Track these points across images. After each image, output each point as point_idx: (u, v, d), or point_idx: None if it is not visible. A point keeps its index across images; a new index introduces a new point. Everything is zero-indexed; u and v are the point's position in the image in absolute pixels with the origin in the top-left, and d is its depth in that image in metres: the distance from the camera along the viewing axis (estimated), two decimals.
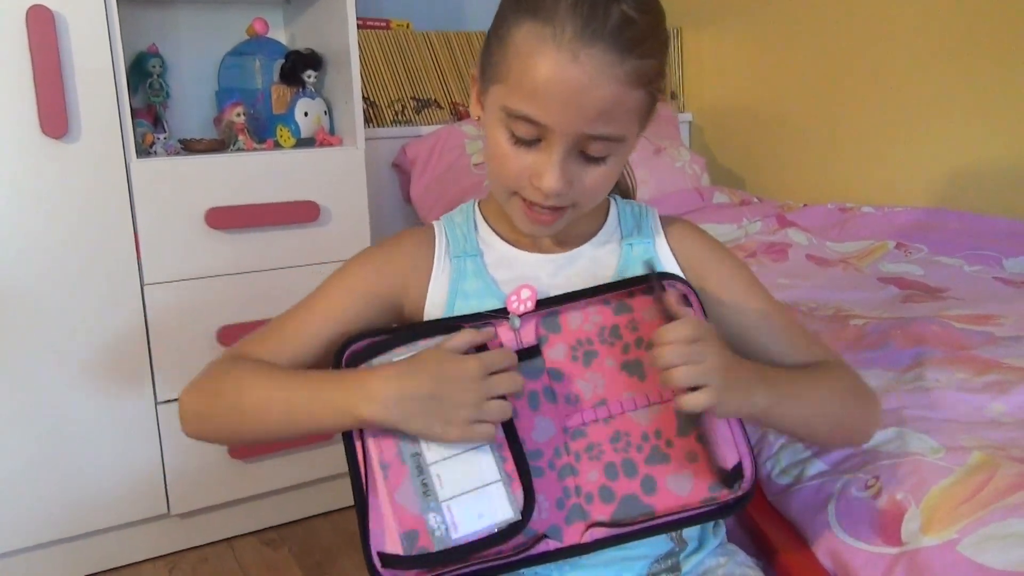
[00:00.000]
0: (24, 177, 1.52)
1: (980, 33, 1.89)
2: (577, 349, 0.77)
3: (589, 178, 0.75)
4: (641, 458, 0.73)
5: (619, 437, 0.74)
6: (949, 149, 1.98)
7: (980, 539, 0.74)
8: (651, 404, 0.75)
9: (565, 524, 0.73)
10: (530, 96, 0.71)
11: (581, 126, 0.71)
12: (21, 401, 1.58)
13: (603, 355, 0.76)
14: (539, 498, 0.73)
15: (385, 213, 2.18)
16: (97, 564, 1.73)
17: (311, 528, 1.89)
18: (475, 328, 0.76)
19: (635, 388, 0.75)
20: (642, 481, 0.73)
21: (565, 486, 0.74)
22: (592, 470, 0.74)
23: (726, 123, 2.62)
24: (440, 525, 0.70)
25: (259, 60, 1.98)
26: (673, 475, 0.73)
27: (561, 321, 0.78)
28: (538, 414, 0.75)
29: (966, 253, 1.64)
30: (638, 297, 0.77)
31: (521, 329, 0.77)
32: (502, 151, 0.75)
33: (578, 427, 0.75)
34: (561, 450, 0.75)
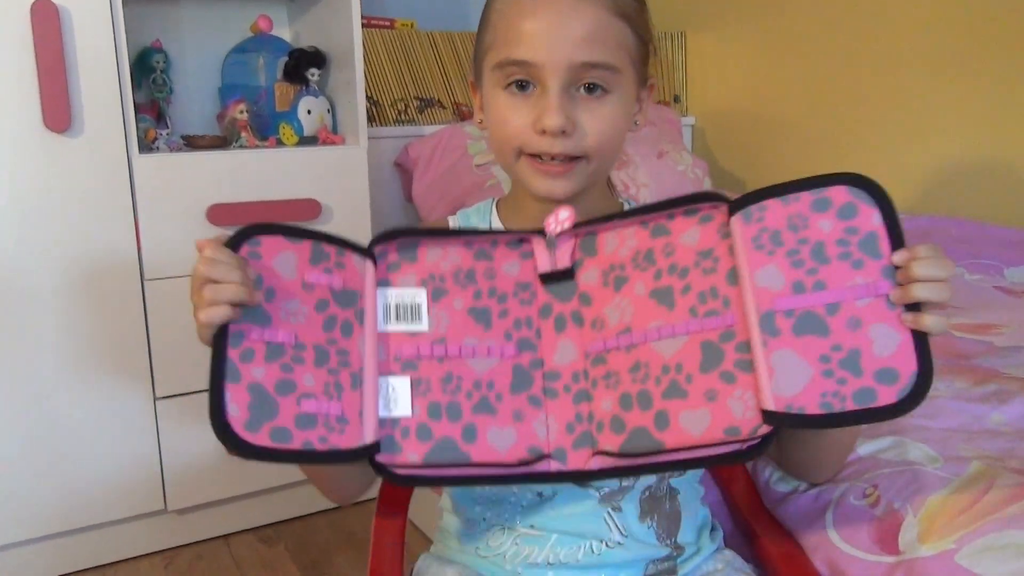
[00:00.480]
0: (26, 171, 1.52)
1: (984, 40, 1.89)
2: (609, 274, 0.74)
3: (591, 117, 0.75)
4: (658, 391, 0.69)
5: (639, 367, 0.71)
6: (952, 156, 1.98)
7: (978, 549, 0.73)
8: (676, 335, 0.71)
9: (572, 448, 0.71)
10: (516, 40, 0.74)
11: (569, 53, 0.73)
12: (20, 395, 1.58)
13: (633, 280, 0.73)
14: (548, 419, 0.72)
15: (386, 212, 2.18)
16: (94, 559, 1.73)
17: (307, 526, 1.89)
18: (511, 245, 0.76)
19: (663, 317, 0.71)
20: (656, 415, 0.69)
21: (578, 412, 0.72)
22: (606, 398, 0.71)
23: (728, 127, 2.62)
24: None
25: (263, 57, 1.98)
26: (688, 411, 0.68)
27: (598, 244, 0.76)
28: (562, 337, 0.74)
29: (967, 262, 1.64)
30: (677, 219, 0.73)
31: (558, 250, 0.76)
32: (501, 111, 0.76)
33: (599, 353, 0.73)
34: (580, 375, 0.73)
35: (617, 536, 0.77)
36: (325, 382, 0.68)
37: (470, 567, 0.80)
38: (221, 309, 0.64)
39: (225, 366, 0.64)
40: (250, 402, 0.65)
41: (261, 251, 0.69)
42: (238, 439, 0.64)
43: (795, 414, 0.64)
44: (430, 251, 0.75)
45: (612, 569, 0.77)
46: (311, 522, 1.91)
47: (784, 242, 0.68)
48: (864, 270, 0.65)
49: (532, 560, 0.78)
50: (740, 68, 2.55)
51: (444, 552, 0.85)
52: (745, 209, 0.70)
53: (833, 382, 0.64)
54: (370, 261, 0.74)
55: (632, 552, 0.78)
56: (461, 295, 0.74)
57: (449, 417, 0.70)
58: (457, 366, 0.72)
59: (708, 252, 0.71)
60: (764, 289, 0.67)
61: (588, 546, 0.77)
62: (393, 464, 0.68)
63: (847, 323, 0.65)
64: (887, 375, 0.63)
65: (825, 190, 0.69)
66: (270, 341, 0.67)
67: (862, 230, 0.66)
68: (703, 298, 0.70)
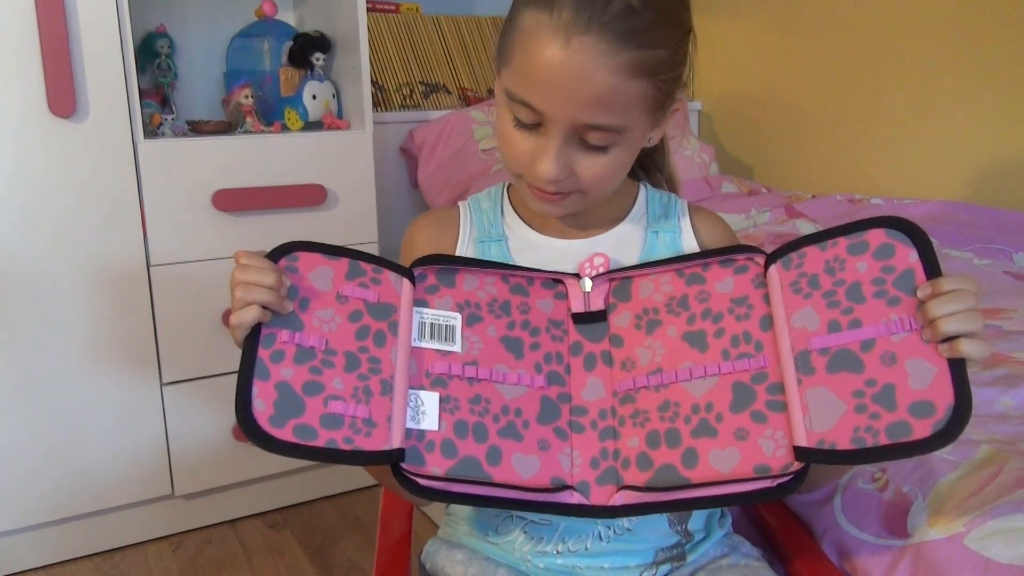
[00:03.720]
0: (31, 156, 1.52)
1: (996, 26, 1.87)
2: (642, 317, 0.76)
3: (589, 167, 0.74)
4: (687, 430, 0.70)
5: (668, 406, 0.72)
6: (961, 141, 1.97)
7: (987, 533, 0.73)
8: (708, 376, 0.72)
9: (595, 483, 0.71)
10: (528, 81, 0.71)
11: (575, 115, 0.70)
12: (27, 381, 1.58)
13: (666, 324, 0.75)
14: (573, 452, 0.72)
15: (392, 197, 2.17)
16: (102, 543, 1.74)
17: (314, 511, 1.90)
18: (546, 284, 0.78)
19: (694, 359, 0.72)
20: (684, 453, 0.69)
21: (604, 447, 0.72)
22: (634, 436, 0.72)
23: (735, 112, 2.60)
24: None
25: (267, 42, 1.97)
26: (717, 450, 0.68)
27: (632, 289, 0.78)
28: (591, 374, 0.75)
29: (976, 247, 1.63)
30: (713, 268, 0.75)
31: (591, 293, 0.78)
32: (507, 133, 0.75)
33: (628, 392, 0.74)
34: (607, 412, 0.74)
35: (627, 523, 0.77)
36: (354, 386, 0.69)
37: (479, 552, 0.80)
38: (251, 310, 0.67)
39: (255, 364, 0.67)
40: (276, 399, 0.66)
41: (298, 265, 0.73)
42: (262, 432, 0.65)
43: (826, 450, 0.64)
44: (468, 279, 0.78)
45: (621, 556, 0.77)
46: (318, 507, 1.91)
47: (821, 285, 0.70)
48: (900, 306, 0.66)
49: (542, 547, 0.78)
50: (747, 53, 2.53)
51: (453, 536, 0.85)
52: (785, 257, 0.72)
53: (866, 417, 0.64)
54: (407, 280, 0.76)
55: (641, 540, 0.78)
56: (495, 323, 0.76)
57: (475, 437, 0.71)
58: (487, 389, 0.73)
59: (742, 300, 0.73)
60: (800, 330, 0.69)
61: (597, 534, 0.77)
62: (415, 474, 0.69)
63: (881, 358, 0.65)
64: (922, 408, 0.62)
65: (862, 234, 0.70)
66: (300, 345, 0.69)
67: (898, 268, 0.67)
68: (736, 341, 0.72)
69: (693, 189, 2.17)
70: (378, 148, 1.93)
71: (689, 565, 0.79)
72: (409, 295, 0.75)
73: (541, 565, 0.78)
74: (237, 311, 0.67)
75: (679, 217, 0.86)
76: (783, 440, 0.67)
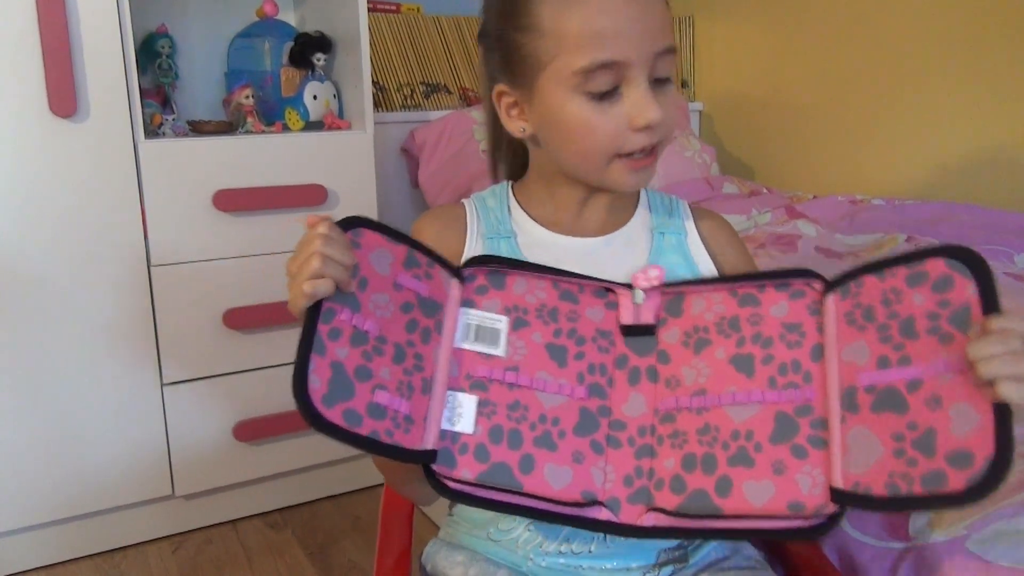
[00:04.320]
0: (32, 156, 1.52)
1: (997, 26, 1.87)
2: (691, 335, 0.75)
3: (668, 102, 0.75)
4: (725, 456, 0.68)
5: (708, 430, 0.70)
6: (962, 142, 1.97)
7: (988, 536, 0.73)
8: (751, 403, 0.70)
9: (626, 501, 0.70)
10: (599, 42, 0.72)
11: (653, 44, 0.72)
12: (27, 381, 1.58)
13: (716, 344, 0.73)
14: (607, 467, 0.71)
15: (393, 198, 2.17)
16: (102, 544, 1.74)
17: (315, 511, 1.90)
18: (597, 292, 0.77)
19: (740, 384, 0.71)
20: (718, 480, 0.68)
21: (639, 466, 0.71)
22: (670, 457, 0.70)
23: (736, 113, 2.60)
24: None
25: (268, 42, 1.98)
26: (752, 482, 0.67)
27: (684, 305, 0.76)
28: (634, 390, 0.74)
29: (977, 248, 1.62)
30: (768, 291, 0.74)
31: (643, 306, 0.76)
32: (585, 121, 0.74)
33: (669, 411, 0.72)
34: (646, 430, 0.72)
35: None
36: (399, 380, 0.68)
37: (480, 552, 0.80)
38: (327, 283, 0.65)
39: (314, 338, 0.65)
40: (330, 378, 0.65)
41: (362, 242, 0.70)
42: (315, 410, 0.63)
43: (861, 494, 0.62)
44: (518, 283, 0.76)
45: (623, 558, 0.77)
46: (318, 507, 1.91)
47: (876, 318, 0.67)
48: (952, 345, 0.62)
49: (544, 548, 0.78)
50: (748, 54, 2.53)
51: (454, 537, 0.85)
52: (843, 285, 0.70)
53: (903, 463, 0.61)
54: (456, 280, 0.75)
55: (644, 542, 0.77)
56: (541, 330, 0.75)
57: (509, 443, 0.70)
58: (526, 396, 0.72)
59: (795, 326, 0.71)
60: (850, 364, 0.67)
61: (602, 536, 0.77)
62: (446, 476, 0.68)
63: (927, 400, 0.62)
64: (960, 458, 0.58)
65: (923, 263, 0.66)
66: (357, 327, 0.68)
67: (955, 303, 0.63)
68: (784, 370, 0.70)
69: (694, 190, 2.17)
70: (379, 148, 1.93)
71: (691, 567, 0.79)
72: (457, 295, 0.75)
73: (543, 564, 0.77)
74: (311, 280, 0.65)
75: (683, 218, 0.86)
76: (821, 479, 0.65)
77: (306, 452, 1.87)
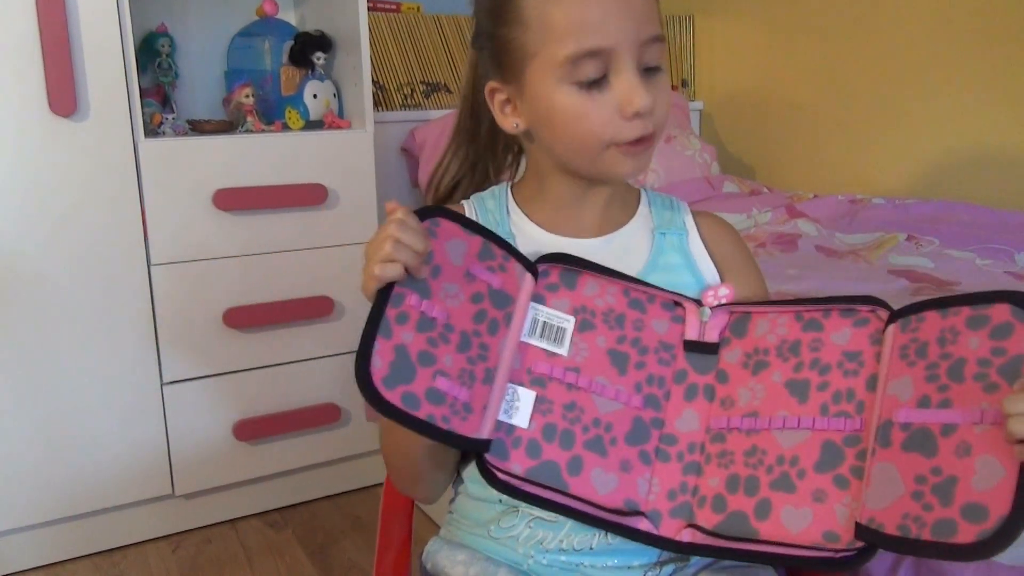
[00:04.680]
0: (32, 155, 1.52)
1: (997, 25, 1.87)
2: (751, 356, 0.75)
3: (660, 90, 0.75)
4: (768, 480, 0.68)
5: (755, 452, 0.70)
6: (962, 141, 1.97)
7: None
8: (801, 428, 0.69)
9: (668, 515, 0.71)
10: (583, 30, 0.72)
11: (639, 31, 0.73)
12: (27, 380, 1.58)
13: (774, 367, 0.73)
14: (653, 480, 0.72)
15: (393, 197, 2.16)
16: (102, 543, 1.74)
17: (314, 511, 1.90)
18: (666, 305, 0.78)
19: (792, 408, 0.70)
20: (758, 503, 0.68)
21: (684, 482, 0.72)
22: (716, 476, 0.71)
23: (737, 112, 2.60)
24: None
25: (268, 41, 1.97)
26: (791, 507, 0.67)
27: (749, 326, 0.76)
28: (689, 405, 0.74)
29: (978, 247, 1.63)
30: (833, 317, 0.73)
31: (709, 323, 0.77)
32: (576, 109, 0.75)
33: (720, 430, 0.73)
34: (696, 447, 0.73)
35: None
36: (462, 368, 0.69)
37: (481, 551, 0.80)
38: (396, 267, 0.67)
39: (381, 320, 0.67)
40: (393, 361, 0.66)
41: (439, 231, 0.72)
42: (374, 390, 0.65)
43: (873, 529, 0.62)
44: (589, 284, 0.77)
45: (625, 556, 0.77)
46: (318, 507, 1.91)
47: (928, 355, 0.65)
48: (995, 394, 0.60)
49: (546, 545, 0.77)
50: (749, 53, 2.53)
51: (455, 535, 0.84)
52: (905, 318, 0.69)
53: (919, 506, 0.60)
54: (530, 275, 0.76)
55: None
56: (606, 334, 0.76)
57: (561, 443, 0.71)
58: (583, 398, 0.73)
59: (855, 355, 0.71)
60: (892, 397, 0.66)
61: (603, 534, 0.77)
62: (496, 467, 0.69)
63: (956, 448, 0.60)
64: (975, 512, 0.57)
65: (988, 307, 0.64)
66: (425, 313, 0.69)
67: (1010, 352, 0.61)
68: (837, 398, 0.69)
69: (694, 189, 2.17)
70: (379, 147, 1.93)
71: (692, 565, 0.79)
72: (529, 290, 0.75)
73: (544, 562, 0.77)
74: (382, 263, 0.67)
75: (684, 218, 0.86)
76: (858, 510, 0.64)
77: (306, 452, 1.87)
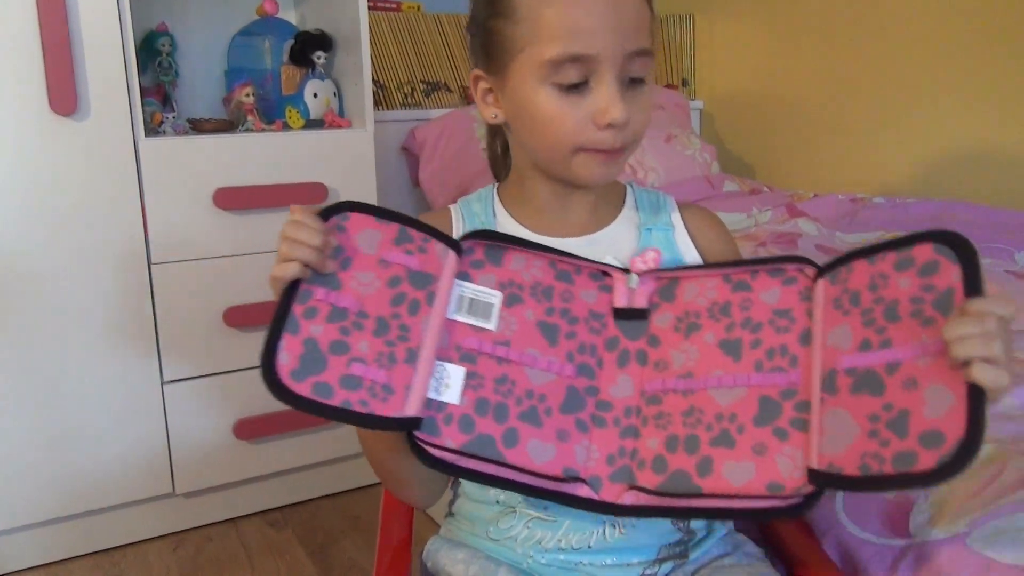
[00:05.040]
0: (33, 154, 1.52)
1: (996, 24, 1.87)
2: (683, 320, 0.75)
3: (636, 109, 0.75)
4: (708, 437, 0.69)
5: (692, 412, 0.71)
6: (962, 140, 1.97)
7: (989, 533, 0.73)
8: (736, 386, 0.71)
9: (608, 480, 0.71)
10: (571, 35, 0.72)
11: (624, 43, 0.73)
12: (27, 379, 1.58)
13: (706, 329, 0.74)
14: (591, 446, 0.72)
15: (393, 196, 2.17)
16: (102, 542, 1.74)
17: (315, 509, 1.90)
18: (593, 275, 0.78)
19: (726, 367, 0.72)
20: (700, 460, 0.69)
21: (622, 446, 0.72)
22: (654, 437, 0.71)
23: (737, 111, 2.60)
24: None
25: (269, 40, 1.98)
26: (733, 462, 0.68)
27: (678, 291, 0.77)
28: (622, 371, 0.75)
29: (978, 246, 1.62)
30: (761, 277, 0.75)
31: (637, 290, 0.77)
32: (552, 111, 0.75)
33: (656, 393, 0.73)
34: (632, 411, 0.73)
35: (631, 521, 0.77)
36: (379, 351, 0.70)
37: (480, 550, 0.80)
38: (292, 266, 0.69)
39: (287, 318, 0.68)
40: (302, 354, 0.67)
41: (348, 225, 0.73)
42: (281, 384, 0.66)
43: (834, 474, 0.63)
44: (515, 259, 0.77)
45: (623, 554, 0.77)
46: (319, 506, 1.91)
47: (862, 302, 0.68)
48: (933, 328, 0.62)
49: (544, 545, 0.77)
50: (749, 52, 2.53)
51: (454, 535, 0.85)
52: (834, 270, 0.71)
53: (876, 443, 0.61)
54: (453, 252, 0.76)
55: (644, 537, 0.77)
56: (534, 307, 0.76)
57: (495, 417, 0.71)
58: (514, 371, 0.73)
59: (785, 312, 0.72)
60: (833, 348, 0.67)
61: (601, 532, 0.77)
62: (428, 443, 0.69)
63: (904, 383, 0.62)
64: (932, 438, 0.58)
65: (911, 248, 0.66)
66: (335, 304, 0.70)
67: (939, 287, 0.63)
68: (771, 354, 0.71)
69: (695, 188, 2.17)
70: (379, 147, 1.93)
71: (691, 563, 0.79)
72: (452, 267, 0.75)
73: (543, 561, 0.77)
74: (279, 264, 0.69)
75: (670, 213, 0.86)
76: (800, 460, 0.65)
77: (306, 450, 1.87)
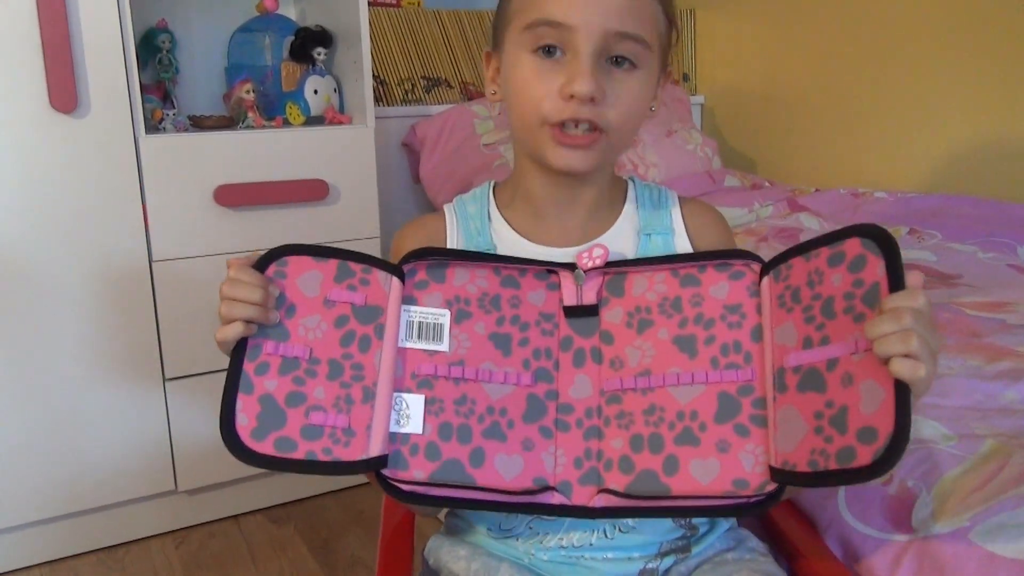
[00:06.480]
0: (33, 152, 1.52)
1: (998, 18, 1.86)
2: (634, 315, 0.75)
3: (619, 89, 0.73)
4: (671, 436, 0.70)
5: (653, 410, 0.71)
6: (965, 135, 1.96)
7: (992, 527, 0.73)
8: (695, 383, 0.71)
9: (578, 483, 0.71)
10: (552, 2, 0.72)
11: (605, 20, 0.71)
12: (29, 377, 1.58)
13: (658, 325, 0.74)
14: (558, 452, 0.72)
15: (394, 192, 2.17)
16: (105, 539, 1.74)
17: (317, 506, 1.90)
18: (539, 275, 0.77)
19: (683, 364, 0.72)
20: (665, 459, 0.69)
21: (588, 447, 0.72)
22: (618, 438, 0.72)
23: (738, 106, 2.60)
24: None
25: (269, 37, 1.97)
26: (698, 460, 0.69)
27: (626, 285, 0.76)
28: (579, 371, 0.75)
29: (980, 240, 1.62)
30: (709, 272, 0.74)
31: (584, 286, 0.76)
32: (527, 77, 0.74)
33: (615, 392, 0.73)
34: (593, 411, 0.73)
35: (631, 521, 0.77)
36: (336, 395, 0.69)
37: (482, 547, 0.80)
38: (235, 327, 0.68)
39: (239, 378, 0.68)
40: (259, 412, 0.67)
41: (287, 270, 0.73)
42: (243, 447, 0.67)
43: (788, 471, 0.65)
44: (458, 273, 0.76)
45: (625, 550, 0.77)
46: (321, 502, 1.92)
47: (801, 299, 0.69)
48: (863, 324, 0.63)
49: (546, 543, 0.78)
50: (750, 47, 2.52)
51: (456, 532, 0.85)
52: (775, 268, 0.71)
53: (821, 440, 0.63)
54: (396, 279, 0.75)
55: (646, 534, 0.77)
56: (484, 319, 0.75)
57: (459, 439, 0.71)
58: (472, 389, 0.73)
59: (736, 307, 0.73)
60: (780, 346, 0.69)
61: (602, 530, 0.77)
62: (398, 480, 0.69)
63: (841, 379, 0.64)
64: (867, 434, 0.60)
65: (841, 244, 0.67)
66: (285, 355, 0.70)
67: (867, 282, 0.64)
68: (726, 350, 0.71)
69: (696, 183, 2.16)
70: (380, 143, 1.93)
71: (694, 557, 0.79)
72: (398, 294, 0.74)
73: (545, 557, 0.77)
74: (221, 328, 0.68)
75: (671, 212, 0.84)
76: (763, 457, 0.67)
77: None
